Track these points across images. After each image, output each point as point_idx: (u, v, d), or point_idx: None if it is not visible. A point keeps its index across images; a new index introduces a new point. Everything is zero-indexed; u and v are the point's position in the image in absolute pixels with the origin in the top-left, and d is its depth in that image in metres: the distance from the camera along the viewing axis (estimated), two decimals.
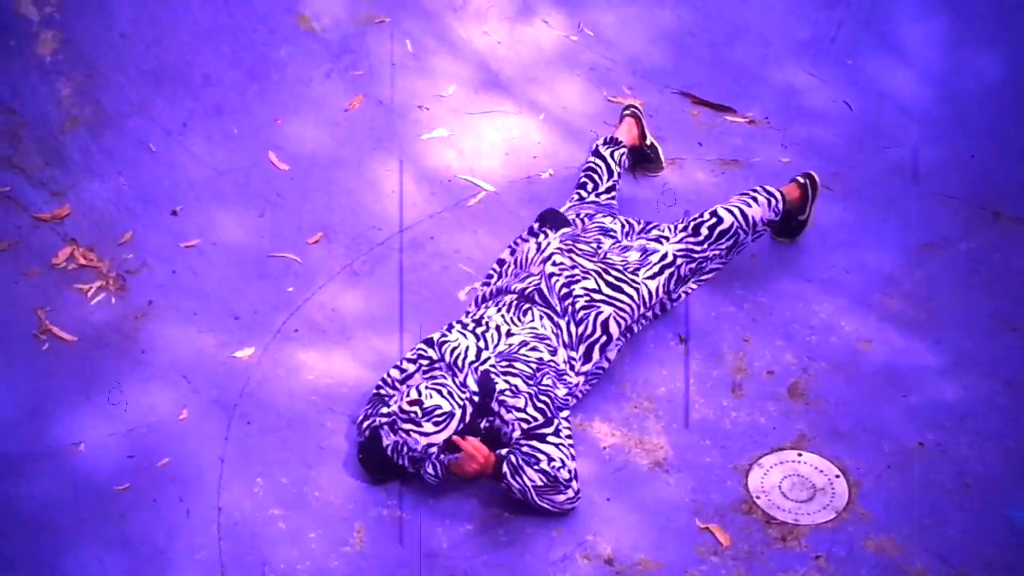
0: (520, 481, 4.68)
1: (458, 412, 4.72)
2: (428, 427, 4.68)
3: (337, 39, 6.23)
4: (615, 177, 5.68)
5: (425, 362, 4.93)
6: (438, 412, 4.70)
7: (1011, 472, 4.85)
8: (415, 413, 4.69)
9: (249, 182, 5.77)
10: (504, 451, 4.73)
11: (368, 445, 4.80)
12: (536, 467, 4.66)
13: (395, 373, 4.95)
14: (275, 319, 5.33)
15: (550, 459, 4.69)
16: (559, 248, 5.20)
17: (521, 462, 4.68)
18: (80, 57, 5.73)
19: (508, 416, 4.77)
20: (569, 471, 4.70)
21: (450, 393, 4.75)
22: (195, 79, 5.93)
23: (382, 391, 4.96)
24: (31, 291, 5.30)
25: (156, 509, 4.69)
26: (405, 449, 4.71)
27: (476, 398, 4.76)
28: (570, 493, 4.70)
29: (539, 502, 4.70)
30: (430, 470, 4.72)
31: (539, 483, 4.67)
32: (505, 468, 4.69)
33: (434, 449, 4.69)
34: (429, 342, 4.97)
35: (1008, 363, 5.21)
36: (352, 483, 4.83)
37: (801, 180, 5.61)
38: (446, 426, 4.70)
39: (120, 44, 5.82)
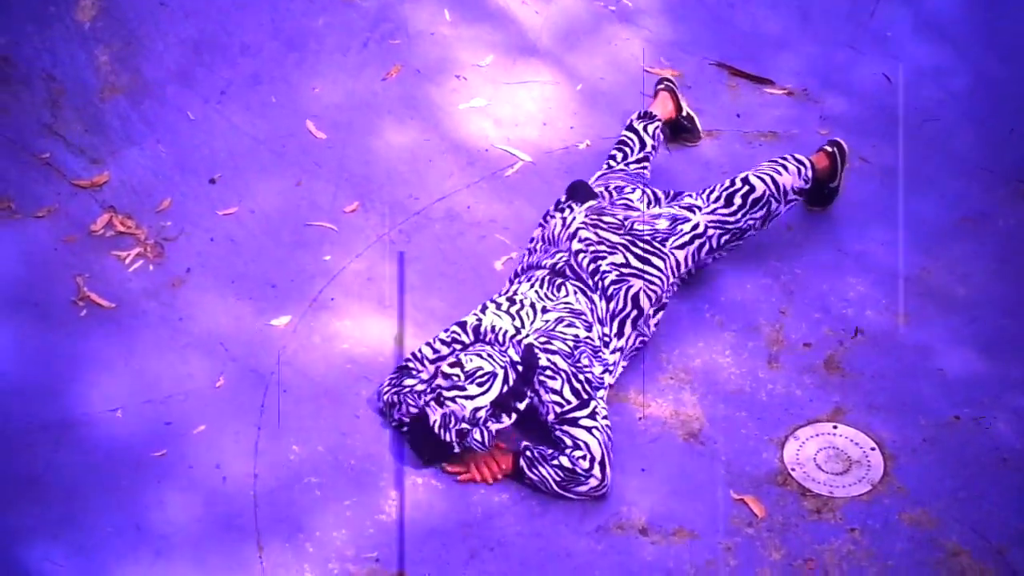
0: (538, 473, 4.69)
1: (500, 372, 4.67)
2: (472, 389, 4.64)
3: (375, 8, 6.22)
4: (648, 149, 5.65)
5: (459, 346, 4.88)
6: (480, 373, 4.64)
7: None
8: (456, 376, 4.66)
9: (287, 150, 5.79)
10: (523, 445, 4.74)
11: (415, 425, 4.74)
12: (552, 462, 4.67)
13: (426, 351, 4.92)
14: (312, 287, 5.35)
15: (575, 447, 4.68)
16: (584, 223, 5.17)
17: (537, 456, 4.70)
18: (120, 25, 5.75)
19: (545, 397, 4.76)
20: (590, 460, 4.66)
21: (490, 356, 4.71)
22: (234, 48, 5.95)
23: (410, 364, 4.93)
24: (70, 258, 5.32)
25: (192, 475, 4.72)
26: (452, 421, 4.66)
27: (519, 368, 4.74)
28: (592, 483, 4.67)
29: (562, 492, 4.71)
30: (477, 436, 4.68)
31: (557, 477, 4.67)
32: (522, 463, 4.72)
33: (482, 413, 4.65)
34: (463, 325, 4.92)
35: None
36: (387, 452, 4.84)
37: (829, 149, 5.59)
38: (490, 387, 4.65)
39: (160, 12, 5.84)
